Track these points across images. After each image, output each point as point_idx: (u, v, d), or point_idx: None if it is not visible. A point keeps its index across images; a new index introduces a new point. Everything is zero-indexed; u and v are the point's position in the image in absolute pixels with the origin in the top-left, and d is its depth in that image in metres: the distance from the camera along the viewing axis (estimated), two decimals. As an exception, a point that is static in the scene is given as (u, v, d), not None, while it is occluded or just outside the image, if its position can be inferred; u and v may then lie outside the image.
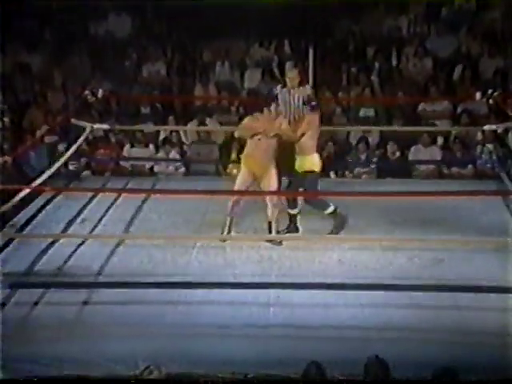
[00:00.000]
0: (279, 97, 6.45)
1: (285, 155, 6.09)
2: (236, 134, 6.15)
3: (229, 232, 5.88)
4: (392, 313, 4.78)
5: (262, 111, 5.93)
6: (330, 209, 5.92)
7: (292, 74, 6.42)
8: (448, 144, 8.19)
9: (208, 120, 8.57)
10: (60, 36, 9.36)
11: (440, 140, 8.23)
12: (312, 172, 5.91)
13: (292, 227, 6.03)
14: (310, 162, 5.92)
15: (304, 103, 6.38)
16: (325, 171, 6.28)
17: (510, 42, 9.08)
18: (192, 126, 8.51)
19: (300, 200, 6.02)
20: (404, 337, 4.52)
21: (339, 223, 5.93)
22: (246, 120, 5.98)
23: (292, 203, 6.00)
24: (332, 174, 7.96)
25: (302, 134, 5.93)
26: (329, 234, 5.90)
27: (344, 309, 4.83)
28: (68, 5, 9.06)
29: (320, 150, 6.25)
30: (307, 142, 5.91)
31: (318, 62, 8.39)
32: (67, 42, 9.31)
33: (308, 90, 6.52)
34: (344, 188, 7.22)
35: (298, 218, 6.01)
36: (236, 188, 5.90)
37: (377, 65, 9.04)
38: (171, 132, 8.53)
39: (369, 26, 9.50)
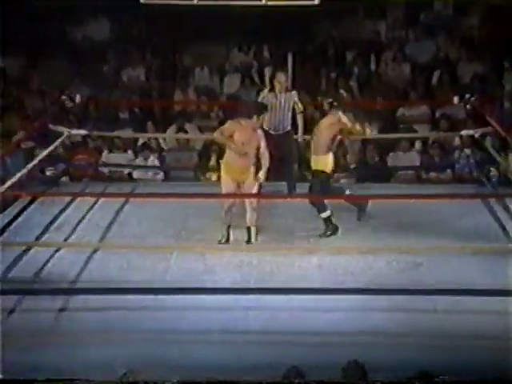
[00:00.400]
0: (266, 100, 6.49)
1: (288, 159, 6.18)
2: (214, 135, 6.08)
3: (227, 240, 5.86)
4: (371, 317, 4.79)
5: (249, 117, 5.84)
6: (326, 214, 5.92)
7: (281, 78, 6.47)
8: (426, 149, 8.25)
9: (187, 125, 8.56)
10: (37, 40, 9.30)
11: (418, 145, 8.29)
12: (322, 172, 5.91)
13: (331, 229, 6.00)
14: (323, 162, 5.93)
15: (292, 107, 6.45)
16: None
17: (487, 46, 9.18)
18: (171, 133, 8.50)
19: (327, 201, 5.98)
20: (383, 341, 4.55)
21: (329, 230, 5.94)
22: (228, 125, 5.92)
23: (321, 207, 5.97)
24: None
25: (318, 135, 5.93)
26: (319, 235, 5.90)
27: (323, 313, 4.84)
28: (45, 8, 8.99)
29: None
30: (320, 141, 5.91)
31: (297, 66, 8.43)
32: (44, 46, 9.26)
33: (294, 95, 6.55)
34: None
35: (332, 218, 5.99)
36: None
37: (356, 69, 9.09)
38: (150, 138, 8.51)
39: (348, 31, 9.56)
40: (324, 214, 5.96)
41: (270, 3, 6.14)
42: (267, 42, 9.34)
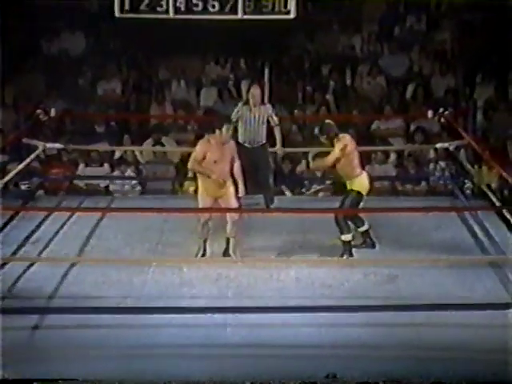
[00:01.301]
0: (240, 113, 6.49)
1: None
2: (189, 166, 5.93)
3: (204, 254, 5.84)
4: (348, 330, 4.81)
5: (213, 132, 5.82)
6: (346, 237, 5.85)
7: (255, 92, 6.49)
8: (402, 161, 8.33)
9: (164, 139, 8.55)
10: (11, 53, 9.22)
11: (394, 157, 8.37)
12: (358, 193, 5.87)
13: (368, 243, 6.01)
14: (357, 182, 5.89)
15: (267, 120, 6.46)
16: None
17: (459, 61, 9.32)
18: (147, 146, 8.48)
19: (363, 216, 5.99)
20: (360, 354, 4.56)
21: (345, 252, 5.88)
22: (198, 148, 5.81)
23: (359, 222, 5.98)
24: (287, 192, 8.02)
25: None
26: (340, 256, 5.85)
27: (301, 328, 4.84)
28: (20, 21, 8.94)
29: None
30: (345, 167, 5.87)
31: (273, 80, 8.48)
32: (19, 59, 9.19)
33: (269, 108, 6.56)
34: (300, 205, 7.27)
35: (370, 231, 6.01)
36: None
37: (332, 83, 9.16)
38: (126, 151, 8.48)
39: (323, 45, 9.63)
40: (345, 237, 5.87)
41: (246, 17, 6.17)
42: (244, 55, 9.38)
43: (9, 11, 8.28)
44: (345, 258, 5.87)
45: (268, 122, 6.68)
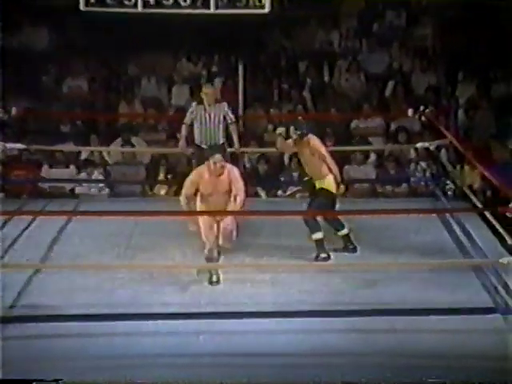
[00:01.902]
0: (195, 113, 6.52)
1: None
2: (181, 202, 5.68)
3: (218, 280, 5.57)
4: (327, 337, 4.83)
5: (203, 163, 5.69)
6: (317, 235, 5.94)
7: (207, 90, 6.51)
8: (382, 162, 8.38)
9: (133, 139, 8.51)
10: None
11: (373, 158, 8.42)
12: (327, 191, 5.96)
13: (349, 247, 6.05)
14: (327, 182, 5.99)
15: (222, 119, 6.47)
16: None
17: (440, 57, 9.41)
18: (116, 146, 8.43)
19: (344, 219, 6.06)
20: (339, 361, 4.57)
21: (321, 253, 5.94)
22: (188, 183, 5.64)
23: (338, 225, 6.01)
24: (262, 194, 8.03)
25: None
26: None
27: (277, 335, 4.85)
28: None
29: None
30: (317, 167, 6.00)
31: (248, 77, 8.48)
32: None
33: (224, 106, 6.54)
34: (277, 207, 7.29)
35: (351, 235, 6.05)
36: (204, 233, 5.57)
37: (309, 80, 9.20)
38: (93, 152, 8.43)
39: (300, 41, 9.66)
40: (316, 236, 5.94)
41: (218, 11, 6.17)
42: (217, 51, 9.38)
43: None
44: (322, 256, 5.90)
45: (226, 121, 6.65)
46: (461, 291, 5.42)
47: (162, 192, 8.12)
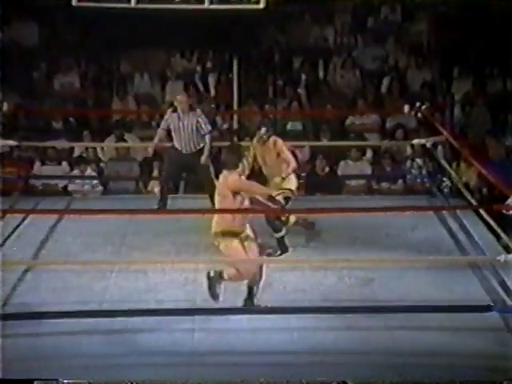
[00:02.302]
0: (169, 121, 6.61)
1: None
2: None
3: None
4: (323, 336, 4.82)
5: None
6: (280, 234, 5.99)
7: (182, 98, 6.61)
8: (378, 159, 8.39)
9: (127, 135, 8.49)
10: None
11: (369, 154, 8.42)
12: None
13: (282, 249, 6.03)
14: (292, 182, 6.07)
15: (196, 128, 6.53)
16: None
17: (436, 53, 9.42)
18: (109, 143, 8.41)
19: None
20: (335, 360, 4.57)
21: (280, 250, 5.98)
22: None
23: (276, 227, 6.01)
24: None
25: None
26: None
27: (272, 333, 4.85)
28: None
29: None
30: (280, 167, 6.06)
31: (242, 73, 8.47)
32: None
33: (199, 115, 6.59)
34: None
35: (286, 239, 6.05)
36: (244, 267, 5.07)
37: (303, 76, 9.19)
38: (87, 148, 8.40)
39: (294, 37, 9.66)
40: (279, 234, 5.99)
41: (213, 7, 6.15)
42: (211, 47, 9.36)
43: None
44: (277, 254, 5.95)
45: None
46: (458, 289, 5.43)
47: (156, 190, 8.09)
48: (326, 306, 5.14)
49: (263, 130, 6.13)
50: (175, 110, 6.66)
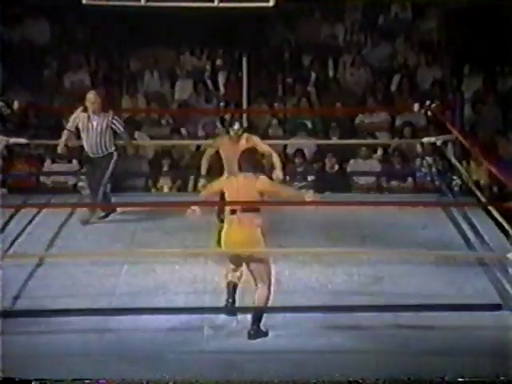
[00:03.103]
0: (77, 121, 6.42)
1: None
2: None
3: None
4: (332, 334, 4.82)
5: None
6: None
7: (91, 99, 6.38)
8: (387, 157, 8.37)
9: (137, 133, 8.50)
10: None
11: (379, 152, 8.41)
12: None
13: None
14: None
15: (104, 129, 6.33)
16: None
17: (446, 51, 9.39)
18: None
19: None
20: (344, 359, 4.56)
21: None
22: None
23: None
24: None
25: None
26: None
27: (281, 331, 4.84)
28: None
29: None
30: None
31: (252, 71, 8.47)
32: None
33: (110, 115, 6.42)
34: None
35: None
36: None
37: (313, 74, 9.18)
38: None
39: (304, 35, 9.65)
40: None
41: (222, 5, 6.14)
42: (221, 45, 9.36)
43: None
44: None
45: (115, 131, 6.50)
46: (467, 287, 5.41)
47: (166, 188, 8.12)
48: (335, 305, 5.13)
49: (237, 125, 5.99)
50: (85, 111, 6.41)
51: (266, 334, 4.76)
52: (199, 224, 5.96)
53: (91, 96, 6.45)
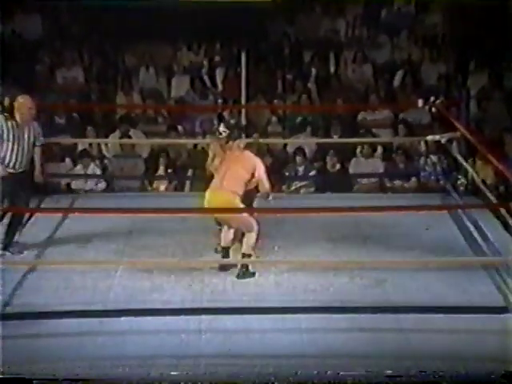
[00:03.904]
0: (4, 132, 5.85)
1: None
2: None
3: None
4: (333, 338, 4.85)
5: None
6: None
7: (29, 103, 5.90)
8: (390, 155, 8.40)
9: (132, 131, 8.53)
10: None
11: (379, 150, 8.43)
12: None
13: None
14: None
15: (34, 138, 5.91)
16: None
17: (451, 46, 9.41)
18: (114, 138, 8.46)
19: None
20: (346, 364, 4.59)
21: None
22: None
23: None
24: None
25: None
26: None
27: (282, 335, 4.88)
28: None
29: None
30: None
31: (251, 67, 8.49)
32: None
33: (36, 125, 6.04)
34: (280, 203, 7.29)
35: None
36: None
37: (314, 70, 9.20)
38: (90, 144, 8.44)
39: (305, 29, 9.67)
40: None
41: (219, -1, 6.17)
42: (219, 40, 9.39)
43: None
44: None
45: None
46: (472, 290, 5.44)
47: (162, 188, 8.14)
48: (337, 307, 5.16)
49: (221, 127, 5.65)
50: (10, 118, 5.84)
51: (253, 275, 5.50)
52: (196, 226, 6.01)
53: (28, 101, 5.91)
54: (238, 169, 5.49)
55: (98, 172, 8.21)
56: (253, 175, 5.57)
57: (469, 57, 9.24)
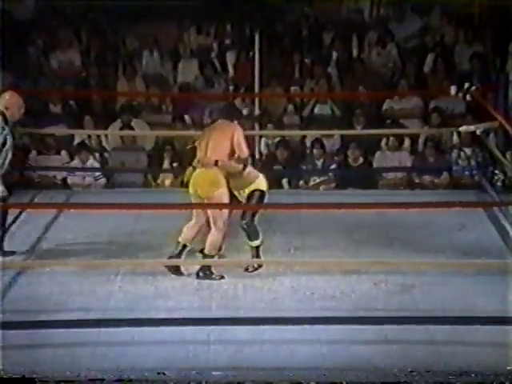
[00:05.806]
0: None
1: None
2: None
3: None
4: (356, 350, 4.83)
5: None
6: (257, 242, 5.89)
7: (19, 101, 6.07)
8: (419, 148, 8.37)
9: (134, 121, 8.56)
10: None
11: (409, 143, 8.41)
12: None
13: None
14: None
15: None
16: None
17: (488, 26, 9.35)
18: (114, 129, 8.48)
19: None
20: (371, 378, 4.58)
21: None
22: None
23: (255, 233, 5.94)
24: (285, 184, 8.05)
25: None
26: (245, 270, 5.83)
27: (299, 346, 4.86)
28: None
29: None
30: None
31: (265, 51, 8.49)
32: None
33: None
34: (298, 200, 7.30)
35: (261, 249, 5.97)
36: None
37: (334, 54, 9.19)
38: (89, 136, 8.47)
39: (325, 9, 9.65)
40: (254, 243, 5.88)
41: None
42: (230, 20, 9.38)
43: None
44: (251, 269, 5.80)
45: None
46: (511, 298, 5.40)
47: (167, 183, 8.16)
48: (360, 316, 5.14)
49: None
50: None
51: (222, 278, 5.70)
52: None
53: (17, 99, 6.09)
54: (218, 136, 5.87)
55: (97, 166, 8.23)
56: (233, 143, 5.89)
57: (508, 37, 9.18)
